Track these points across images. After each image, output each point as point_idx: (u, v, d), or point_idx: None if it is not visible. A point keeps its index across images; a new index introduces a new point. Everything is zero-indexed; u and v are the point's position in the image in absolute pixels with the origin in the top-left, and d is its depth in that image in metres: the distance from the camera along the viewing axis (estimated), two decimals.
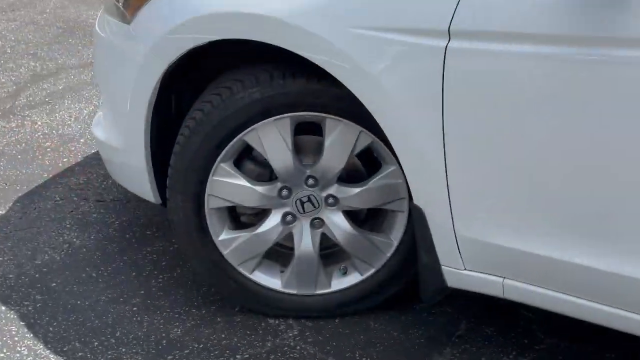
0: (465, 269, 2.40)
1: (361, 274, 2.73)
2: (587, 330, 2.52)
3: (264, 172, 2.67)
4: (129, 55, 2.78)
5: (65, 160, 3.85)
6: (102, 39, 2.95)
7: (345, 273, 2.75)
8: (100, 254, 3.10)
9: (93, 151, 3.91)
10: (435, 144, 2.29)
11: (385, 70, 2.30)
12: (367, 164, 2.68)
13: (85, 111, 4.40)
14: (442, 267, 2.43)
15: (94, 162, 3.82)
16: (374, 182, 2.61)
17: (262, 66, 2.56)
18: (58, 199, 3.50)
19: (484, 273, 2.39)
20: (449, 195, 2.32)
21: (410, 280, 2.73)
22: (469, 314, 2.78)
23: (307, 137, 2.64)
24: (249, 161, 2.66)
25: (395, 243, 2.68)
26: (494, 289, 2.39)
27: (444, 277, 2.45)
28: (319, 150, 2.63)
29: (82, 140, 4.05)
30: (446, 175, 2.31)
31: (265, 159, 2.63)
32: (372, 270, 2.72)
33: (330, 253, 2.78)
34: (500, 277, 2.37)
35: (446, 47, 2.19)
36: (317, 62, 2.37)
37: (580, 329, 2.55)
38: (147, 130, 2.75)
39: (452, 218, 2.34)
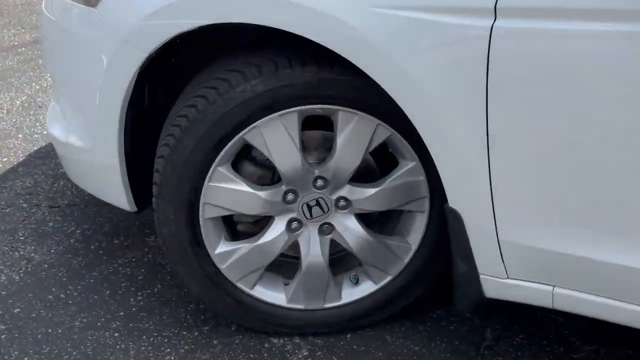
0: (508, 277, 2.13)
1: (375, 283, 2.43)
2: (627, 333, 2.27)
3: (265, 175, 2.35)
4: (96, 44, 2.41)
5: (5, 160, 3.43)
6: (54, 24, 2.57)
7: (357, 282, 2.44)
8: (66, 271, 2.73)
9: (36, 148, 3.51)
10: (477, 139, 2.00)
11: (417, 56, 2.00)
12: (378, 160, 2.37)
13: (17, 102, 3.98)
14: (481, 276, 2.15)
15: (39, 161, 3.42)
16: (392, 180, 2.30)
17: (260, 54, 2.21)
18: (4, 206, 3.09)
19: (531, 282, 2.12)
20: (492, 196, 2.04)
21: (430, 286, 2.45)
22: (492, 321, 2.51)
23: (313, 132, 2.32)
24: (249, 163, 2.33)
25: (414, 247, 2.39)
26: (543, 298, 2.12)
27: (483, 287, 2.17)
28: (327, 146, 2.31)
29: (20, 135, 3.64)
30: (489, 174, 2.02)
31: (267, 160, 2.31)
32: (388, 278, 2.43)
33: (337, 259, 2.47)
34: (550, 285, 2.09)
35: (492, 27, 1.90)
36: (334, 49, 2.04)
37: (619, 332, 2.30)
38: (121, 128, 2.39)
39: (495, 222, 2.06)
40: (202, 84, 2.24)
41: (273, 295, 2.43)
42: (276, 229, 2.34)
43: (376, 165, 2.38)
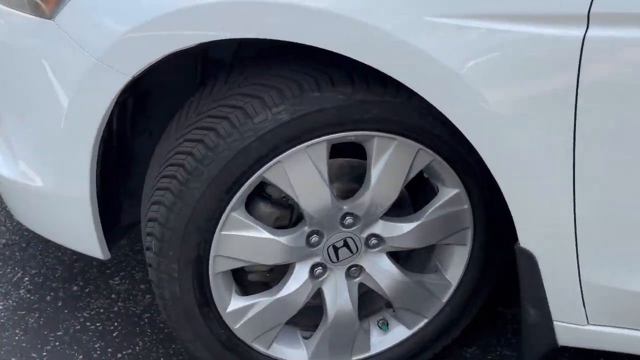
0: (589, 323, 1.82)
1: (409, 328, 2.10)
2: None
3: (283, 215, 1.96)
4: (55, 64, 1.95)
5: None
6: None
7: (387, 328, 2.10)
8: (23, 333, 2.27)
9: None
10: (561, 169, 1.67)
11: (489, 76, 1.64)
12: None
13: None
14: (555, 323, 1.84)
15: None
16: (432, 212, 1.95)
17: (276, 72, 1.82)
18: None
19: (616, 327, 1.81)
20: (575, 234, 1.72)
21: (467, 327, 2.13)
22: None
23: (337, 160, 1.94)
24: (263, 203, 1.94)
25: (454, 284, 2.07)
26: (631, 345, 1.82)
27: (557, 335, 1.85)
28: (352, 176, 1.94)
29: None
30: (574, 209, 1.70)
31: (284, 197, 1.92)
32: (424, 322, 2.10)
33: (359, 300, 2.10)
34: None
35: (584, 37, 1.56)
36: (381, 69, 1.67)
37: None
38: (93, 163, 1.95)
39: (577, 262, 1.75)
40: (205, 113, 1.82)
41: (292, 352, 2.07)
42: (298, 278, 1.97)
43: (408, 195, 2.02)
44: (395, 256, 2.06)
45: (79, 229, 2.07)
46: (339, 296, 2.00)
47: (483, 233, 2.00)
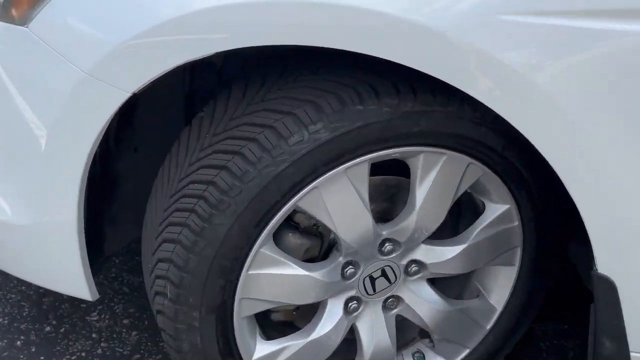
0: None
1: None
2: None
3: (314, 245, 1.69)
4: (30, 79, 1.65)
5: None
6: None
7: None
8: None
9: None
10: None
11: (571, 81, 1.40)
12: None
13: None
14: (633, 354, 1.63)
15: None
16: (481, 231, 1.71)
17: (306, 83, 1.54)
18: None
19: None
20: None
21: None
22: None
23: (373, 179, 1.68)
24: (292, 233, 1.67)
25: (499, 309, 1.84)
26: None
27: None
28: (386, 196, 1.69)
29: None
30: None
31: (314, 225, 1.66)
32: (465, 352, 1.88)
33: None
34: None
35: None
36: (443, 78, 1.42)
37: None
38: (82, 191, 1.64)
39: None
40: (224, 133, 1.54)
41: None
42: (332, 315, 1.71)
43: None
44: (431, 281, 1.81)
45: (64, 267, 1.77)
46: (375, 332, 1.76)
47: (533, 252, 1.78)
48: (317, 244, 1.69)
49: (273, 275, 1.61)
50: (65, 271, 1.77)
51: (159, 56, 1.50)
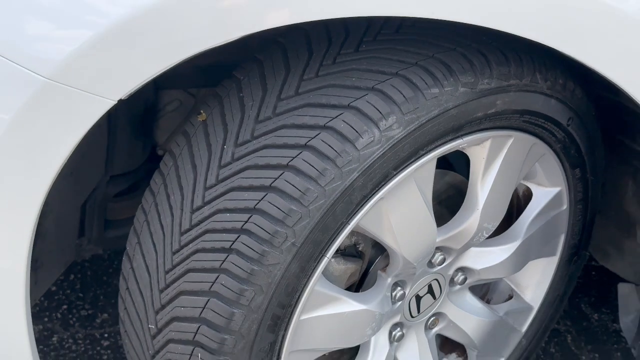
0: None
1: None
2: None
3: (356, 269, 1.34)
4: None
5: None
6: None
7: None
8: None
9: None
10: None
11: None
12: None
13: None
14: None
15: None
16: (532, 223, 1.44)
17: (354, 64, 1.18)
18: None
19: None
20: None
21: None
22: None
23: None
24: (335, 259, 1.31)
25: (536, 308, 1.57)
26: None
27: None
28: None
29: None
30: None
31: (355, 244, 1.31)
32: None
33: None
34: None
35: None
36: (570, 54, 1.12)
37: None
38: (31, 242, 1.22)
39: None
40: (255, 142, 1.15)
41: None
42: (380, 350, 1.39)
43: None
44: None
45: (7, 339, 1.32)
46: (420, 356, 1.43)
47: (575, 237, 1.53)
48: (359, 267, 1.34)
49: (326, 316, 1.24)
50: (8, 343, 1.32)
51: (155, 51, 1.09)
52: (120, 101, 1.13)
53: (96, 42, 1.08)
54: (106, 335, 1.84)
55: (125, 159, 1.56)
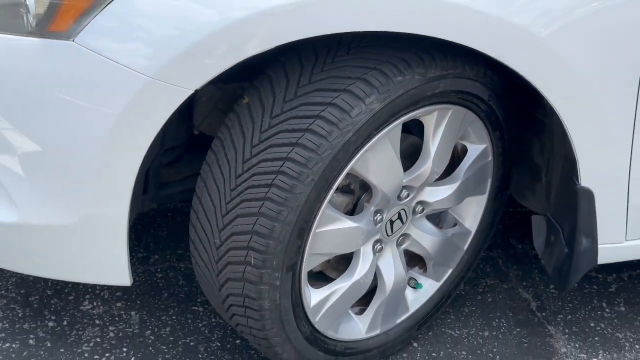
0: (626, 240, 2.09)
1: (437, 280, 2.23)
2: None
3: (350, 201, 1.98)
4: (86, 91, 1.76)
5: None
6: None
7: (420, 286, 2.21)
8: None
9: None
10: (624, 120, 1.90)
11: (567, 34, 1.80)
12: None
13: None
14: (600, 246, 2.08)
15: None
16: (467, 169, 2.09)
17: (347, 64, 1.82)
18: None
19: None
20: (630, 166, 1.97)
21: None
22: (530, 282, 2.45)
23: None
24: (336, 193, 1.94)
25: (473, 232, 2.22)
26: None
27: (598, 256, 2.10)
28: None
29: None
30: (631, 150, 1.95)
31: (348, 184, 1.95)
32: (449, 271, 2.26)
33: None
34: None
35: None
36: (469, 45, 1.76)
37: None
38: (130, 192, 1.82)
39: (628, 192, 2.01)
40: (286, 114, 1.77)
41: (350, 330, 2.11)
42: (367, 258, 2.02)
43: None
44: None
45: (110, 259, 1.91)
46: (394, 267, 2.07)
47: (498, 181, 2.17)
48: (352, 200, 1.97)
49: (332, 230, 1.87)
50: (112, 261, 1.91)
51: (224, 53, 1.68)
52: (196, 91, 1.74)
53: (191, 48, 1.67)
54: (158, 270, 2.46)
55: (174, 136, 2.16)
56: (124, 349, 2.15)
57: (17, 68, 1.79)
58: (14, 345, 2.14)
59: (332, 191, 1.81)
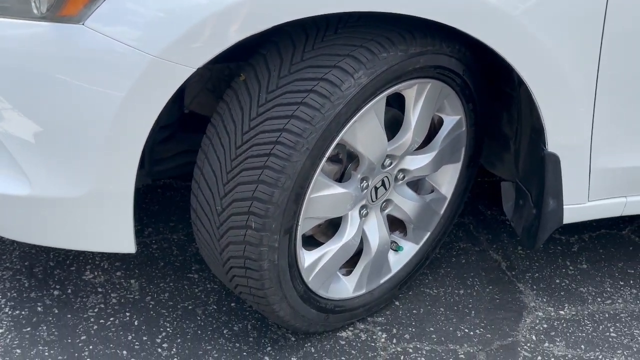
0: (589, 201, 2.29)
1: (417, 243, 2.42)
2: None
3: (338, 170, 2.15)
4: (93, 71, 1.89)
5: None
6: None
7: (401, 248, 2.40)
8: (47, 347, 2.20)
9: None
10: (587, 89, 2.09)
11: (532, 10, 1.98)
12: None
13: None
14: (565, 207, 2.28)
15: None
16: (444, 139, 2.27)
17: (335, 42, 1.98)
18: None
19: (608, 198, 2.31)
20: (592, 133, 2.17)
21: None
22: (500, 243, 2.64)
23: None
24: (326, 162, 2.10)
25: (448, 197, 2.41)
26: (615, 209, 2.34)
27: (564, 216, 2.30)
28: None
29: None
30: (593, 118, 2.14)
31: (337, 154, 2.12)
32: (427, 235, 2.44)
33: None
34: (623, 197, 2.32)
35: None
36: (439, 20, 1.92)
37: None
38: (135, 165, 1.98)
39: (590, 156, 2.20)
40: (281, 89, 1.93)
41: (338, 289, 2.28)
42: (354, 222, 2.19)
43: None
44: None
45: (118, 229, 2.06)
46: (379, 231, 2.25)
47: (471, 149, 2.36)
48: (340, 169, 2.14)
49: (324, 196, 2.04)
50: (119, 230, 2.05)
51: (227, 31, 1.83)
52: (198, 69, 1.89)
53: (195, 27, 1.81)
54: (153, 242, 2.61)
55: (167, 114, 2.31)
56: (127, 314, 2.30)
57: (29, 52, 1.92)
58: (23, 312, 2.28)
59: (324, 159, 1.97)
